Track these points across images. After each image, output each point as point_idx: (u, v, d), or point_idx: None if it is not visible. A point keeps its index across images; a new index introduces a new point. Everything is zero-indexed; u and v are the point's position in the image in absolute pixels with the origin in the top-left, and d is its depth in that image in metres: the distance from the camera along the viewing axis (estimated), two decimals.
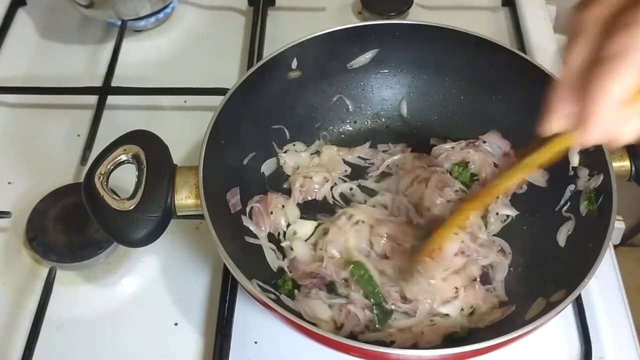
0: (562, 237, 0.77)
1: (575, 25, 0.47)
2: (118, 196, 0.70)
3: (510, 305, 0.75)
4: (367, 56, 0.88)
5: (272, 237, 0.81)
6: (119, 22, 1.06)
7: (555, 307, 0.64)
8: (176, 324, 0.79)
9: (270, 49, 0.85)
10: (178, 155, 0.81)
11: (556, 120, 0.51)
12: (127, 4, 1.02)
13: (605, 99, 0.45)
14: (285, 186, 0.86)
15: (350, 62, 0.88)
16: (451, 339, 0.72)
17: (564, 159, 0.78)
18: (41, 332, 0.75)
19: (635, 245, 1.87)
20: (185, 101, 1.00)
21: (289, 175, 0.87)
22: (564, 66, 0.49)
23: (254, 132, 0.84)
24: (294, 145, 0.88)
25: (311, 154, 0.88)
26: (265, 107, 0.84)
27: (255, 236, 0.80)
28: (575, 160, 0.79)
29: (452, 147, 0.87)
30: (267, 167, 0.86)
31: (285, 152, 0.87)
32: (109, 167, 0.71)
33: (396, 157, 0.88)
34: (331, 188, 0.86)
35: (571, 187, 0.79)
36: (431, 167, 0.86)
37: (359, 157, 0.89)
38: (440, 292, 0.74)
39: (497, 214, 0.83)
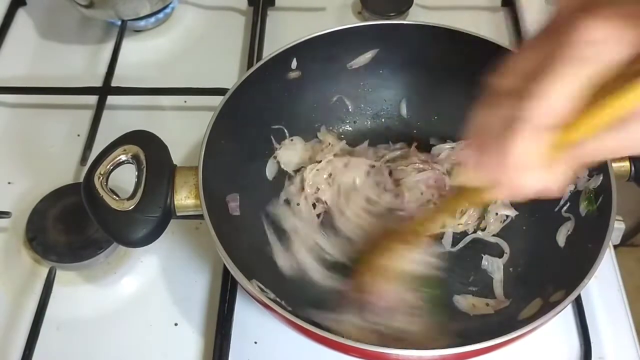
0: (561, 238, 0.77)
1: (491, 91, 0.50)
2: (118, 196, 0.70)
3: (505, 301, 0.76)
4: (367, 56, 0.88)
5: None
6: (119, 22, 1.06)
7: (554, 307, 0.64)
8: (176, 324, 0.79)
9: (270, 49, 0.85)
10: (178, 156, 0.81)
11: (466, 174, 0.55)
12: (127, 4, 1.02)
13: (510, 164, 0.47)
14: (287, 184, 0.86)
15: (350, 62, 0.88)
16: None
17: None
18: (41, 332, 0.75)
19: (635, 245, 1.87)
20: (185, 101, 1.00)
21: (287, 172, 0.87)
22: (476, 127, 0.52)
23: (254, 132, 0.84)
24: (291, 140, 0.88)
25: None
26: (265, 107, 0.84)
27: (255, 236, 0.80)
28: None
29: (452, 147, 0.87)
30: (268, 167, 0.86)
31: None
32: (108, 167, 0.71)
33: (397, 153, 0.88)
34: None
35: (571, 187, 0.79)
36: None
37: None
38: None
39: (497, 214, 0.83)
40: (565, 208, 0.79)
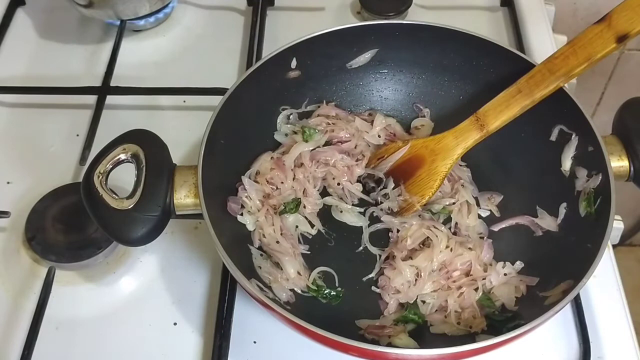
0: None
1: None
2: (117, 195, 0.70)
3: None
4: (366, 56, 0.88)
5: None
6: (118, 22, 1.06)
7: (553, 307, 0.64)
8: (175, 324, 0.79)
9: (270, 49, 0.85)
10: (177, 155, 0.81)
11: None
12: (126, 3, 1.02)
13: None
14: None
15: (350, 62, 0.89)
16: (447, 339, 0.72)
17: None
18: (40, 331, 0.75)
19: (634, 245, 1.88)
20: (184, 101, 1.00)
21: None
22: None
23: (253, 131, 0.84)
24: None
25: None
26: (264, 106, 0.85)
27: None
28: (567, 165, 0.79)
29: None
30: None
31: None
32: (108, 166, 0.71)
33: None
34: None
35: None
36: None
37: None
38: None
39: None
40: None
